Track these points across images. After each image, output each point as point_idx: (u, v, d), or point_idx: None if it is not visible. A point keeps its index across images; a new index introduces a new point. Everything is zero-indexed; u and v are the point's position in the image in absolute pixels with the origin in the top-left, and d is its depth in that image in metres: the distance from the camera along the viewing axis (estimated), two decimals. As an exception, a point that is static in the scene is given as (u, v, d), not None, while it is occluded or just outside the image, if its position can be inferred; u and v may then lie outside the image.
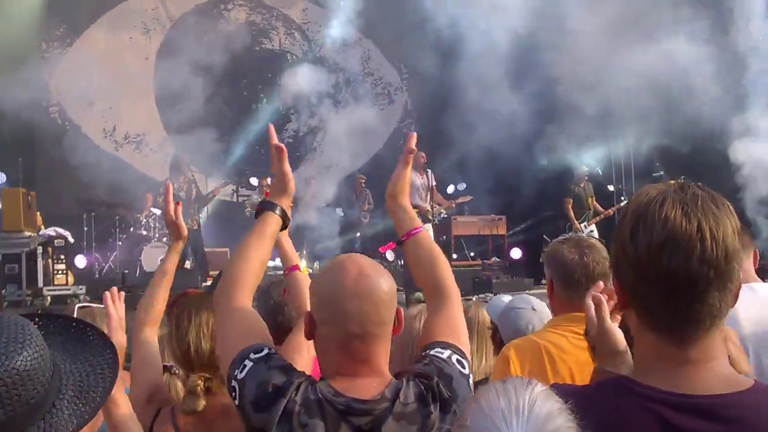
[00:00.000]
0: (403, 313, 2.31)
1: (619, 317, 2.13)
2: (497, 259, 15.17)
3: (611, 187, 16.14)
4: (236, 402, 2.19)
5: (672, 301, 1.71)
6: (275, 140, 2.60)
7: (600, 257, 3.30)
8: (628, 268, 1.77)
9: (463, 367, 2.31)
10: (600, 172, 15.81)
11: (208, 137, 15.77)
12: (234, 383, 2.19)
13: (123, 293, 2.81)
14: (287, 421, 2.09)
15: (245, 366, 2.19)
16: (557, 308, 3.47)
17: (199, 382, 2.82)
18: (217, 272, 11.69)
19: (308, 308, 2.32)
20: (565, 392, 1.60)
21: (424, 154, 14.60)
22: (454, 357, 2.31)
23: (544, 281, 12.55)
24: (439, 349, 2.32)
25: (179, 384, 2.81)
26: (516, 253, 15.79)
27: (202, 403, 2.80)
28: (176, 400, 2.95)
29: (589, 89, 12.92)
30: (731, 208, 1.74)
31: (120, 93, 17.08)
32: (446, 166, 15.36)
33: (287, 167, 2.57)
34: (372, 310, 2.18)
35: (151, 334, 3.03)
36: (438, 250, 2.64)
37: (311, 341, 2.33)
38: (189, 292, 3.20)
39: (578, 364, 3.09)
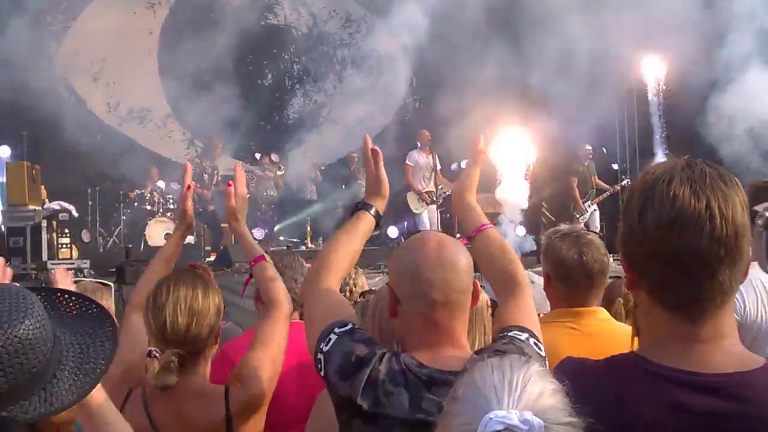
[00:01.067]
0: (479, 285, 2.37)
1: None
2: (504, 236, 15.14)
3: (615, 166, 16.11)
4: (322, 373, 2.28)
5: (683, 279, 1.70)
6: (370, 145, 2.73)
7: (598, 255, 3.31)
8: (638, 247, 1.76)
9: (540, 350, 2.36)
10: (605, 150, 15.76)
11: (212, 112, 15.75)
12: (320, 356, 2.28)
13: (71, 272, 2.78)
14: (372, 389, 2.16)
15: (330, 339, 2.28)
16: (554, 301, 3.49)
17: (173, 357, 2.79)
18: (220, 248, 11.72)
19: (296, 294, 2.36)
20: (573, 368, 1.60)
21: (428, 133, 14.57)
22: (532, 340, 2.37)
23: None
24: (517, 332, 2.37)
25: (157, 366, 2.79)
26: (520, 231, 15.76)
27: (174, 379, 2.78)
28: (150, 381, 2.95)
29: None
30: (739, 184, 1.73)
31: (124, 68, 17.04)
32: (450, 144, 15.29)
33: (382, 171, 2.73)
34: (455, 277, 2.24)
35: (138, 316, 3.01)
36: (508, 244, 2.74)
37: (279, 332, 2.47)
38: (197, 265, 3.21)
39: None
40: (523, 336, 2.35)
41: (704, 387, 1.66)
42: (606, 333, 3.23)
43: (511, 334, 2.36)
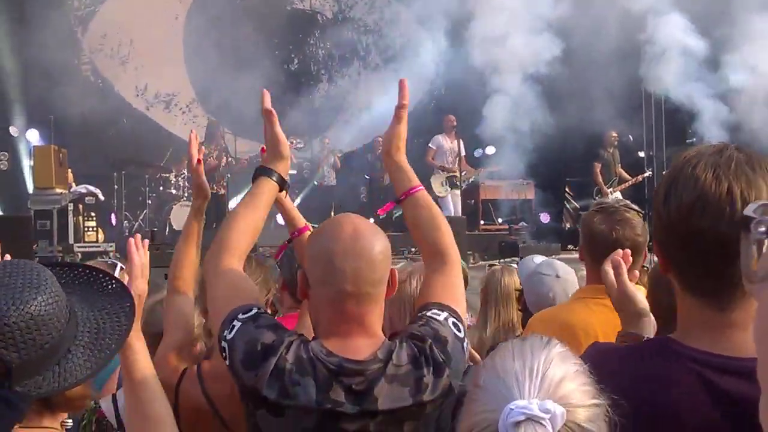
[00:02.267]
0: (397, 274, 2.28)
1: (636, 276, 2.12)
2: (525, 224, 15.10)
3: (641, 154, 16.00)
4: (227, 362, 2.18)
5: (705, 265, 1.69)
6: (267, 105, 2.55)
7: (632, 233, 3.19)
8: (663, 231, 1.76)
9: (459, 330, 2.28)
10: (631, 138, 15.66)
11: (237, 98, 15.80)
12: (224, 344, 2.18)
13: (147, 241, 2.77)
14: (278, 379, 2.08)
15: (234, 326, 2.18)
16: (588, 275, 3.42)
17: None
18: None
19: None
20: (606, 352, 1.60)
21: (453, 118, 14.53)
22: (450, 320, 2.28)
23: (570, 246, 12.64)
24: (435, 311, 2.29)
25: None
26: (544, 218, 15.72)
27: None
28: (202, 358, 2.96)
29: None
30: None
31: (151, 52, 17.12)
32: (475, 130, 15.24)
33: (278, 130, 2.54)
34: (367, 269, 2.15)
35: (179, 296, 2.99)
36: (437, 210, 2.57)
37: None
38: None
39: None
40: (441, 316, 2.27)
41: (735, 371, 1.65)
42: None
43: (429, 314, 2.28)
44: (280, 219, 13.91)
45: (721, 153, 1.72)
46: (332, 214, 15.28)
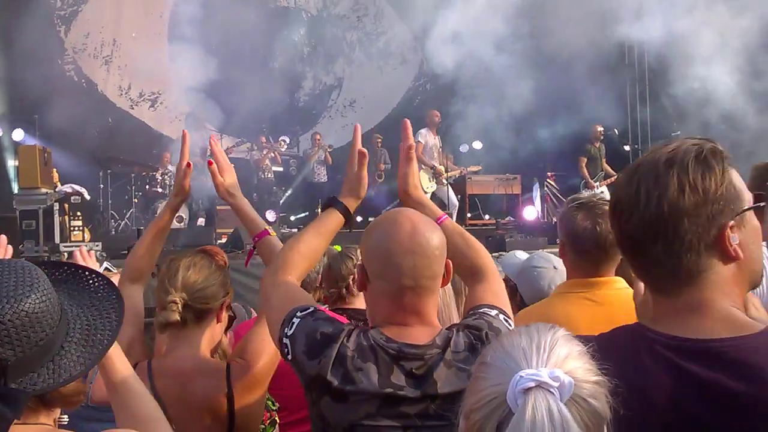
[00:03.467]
0: (451, 265, 2.35)
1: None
2: (511, 219, 15.16)
3: (627, 147, 16.07)
4: (288, 357, 2.27)
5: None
6: (359, 145, 2.71)
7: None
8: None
9: (510, 325, 2.38)
10: (617, 132, 15.72)
11: (222, 95, 15.77)
12: (285, 341, 2.27)
13: (93, 252, 2.78)
14: (341, 365, 2.16)
15: (293, 323, 2.28)
16: (569, 272, 3.43)
17: (177, 298, 2.85)
18: (231, 230, 11.75)
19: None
20: (586, 339, 1.62)
21: (438, 113, 14.57)
22: (502, 316, 2.38)
23: (558, 240, 12.65)
24: (486, 308, 2.39)
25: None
26: (530, 213, 15.76)
27: (176, 317, 2.83)
28: (153, 354, 2.95)
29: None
30: (718, 165, 1.74)
31: (135, 51, 17.06)
32: (461, 126, 15.28)
33: (364, 173, 2.71)
34: (425, 264, 2.24)
35: (132, 288, 3.02)
36: (466, 232, 2.71)
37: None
38: (209, 249, 3.18)
39: (589, 331, 3.06)
40: (493, 312, 2.38)
41: (693, 351, 1.71)
42: (622, 302, 3.13)
43: (481, 310, 2.38)
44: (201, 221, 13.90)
45: (672, 149, 1.79)
46: (318, 211, 15.29)
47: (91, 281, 2.20)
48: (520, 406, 1.37)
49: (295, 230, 13.58)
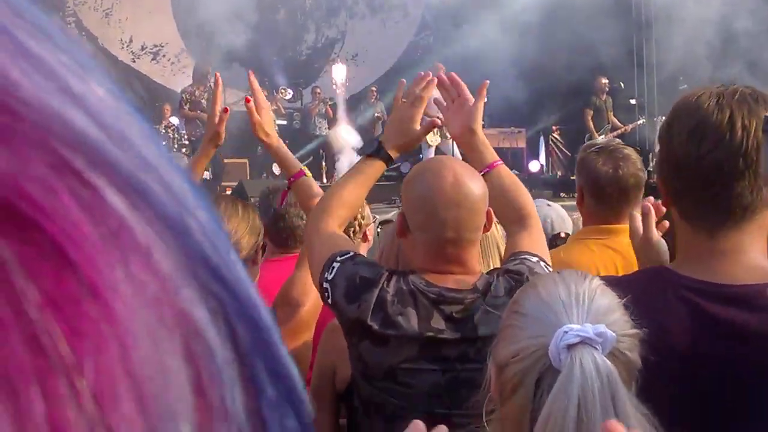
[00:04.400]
0: (492, 213, 2.34)
1: (663, 228, 2.14)
2: (516, 172, 15.13)
3: (633, 101, 15.99)
4: (329, 302, 2.27)
5: (701, 190, 1.74)
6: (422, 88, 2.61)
7: (634, 169, 3.20)
8: (665, 161, 1.81)
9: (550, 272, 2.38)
10: (622, 85, 15.63)
11: (225, 46, 15.66)
12: (326, 285, 2.26)
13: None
14: (381, 309, 2.16)
15: (333, 267, 2.26)
16: (586, 218, 3.41)
17: None
18: (235, 183, 11.74)
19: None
20: (609, 282, 1.62)
21: (442, 66, 14.46)
22: (542, 263, 2.35)
23: (562, 194, 12.67)
24: (527, 255, 2.35)
25: None
26: (534, 166, 15.75)
27: None
28: None
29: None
30: None
31: (136, 3, 16.91)
32: (466, 80, 15.20)
33: (425, 132, 2.66)
34: (468, 217, 2.21)
35: None
36: (517, 179, 2.65)
37: None
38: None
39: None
40: (534, 259, 2.35)
41: (723, 297, 1.70)
42: None
43: (522, 256, 2.35)
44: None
45: (727, 87, 1.75)
46: (323, 164, 15.26)
47: None
48: (565, 362, 1.36)
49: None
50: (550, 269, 2.37)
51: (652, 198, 2.24)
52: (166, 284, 0.25)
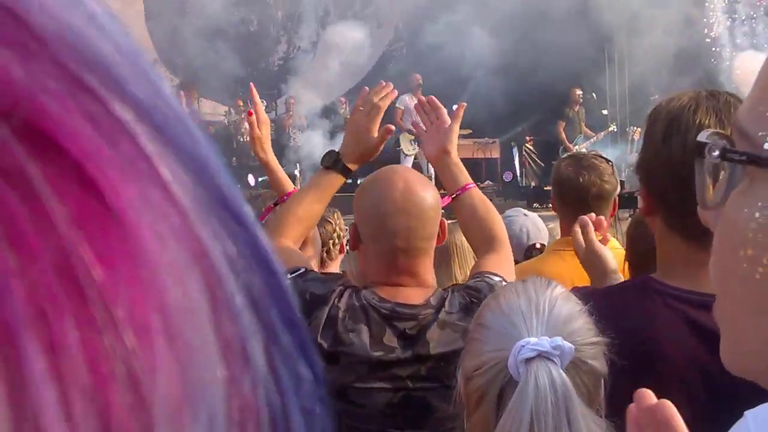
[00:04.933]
0: (446, 224, 2.29)
1: (605, 228, 2.15)
2: (490, 182, 15.19)
3: (605, 111, 16.13)
4: None
5: (674, 192, 1.72)
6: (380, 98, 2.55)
7: (597, 179, 3.16)
8: (660, 171, 1.77)
9: None
10: (594, 96, 15.76)
11: (199, 57, 15.59)
12: None
13: None
14: (331, 326, 2.10)
15: None
16: (561, 227, 3.42)
17: None
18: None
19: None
20: (586, 294, 1.62)
21: (419, 76, 14.49)
22: (503, 284, 2.27)
23: (536, 204, 12.74)
24: (489, 275, 2.30)
25: None
26: (508, 176, 15.83)
27: None
28: None
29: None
30: None
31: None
32: (441, 89, 15.24)
33: (374, 130, 2.55)
34: (419, 225, 2.16)
35: None
36: (488, 200, 2.61)
37: None
38: None
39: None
40: (496, 278, 2.28)
41: (707, 306, 1.68)
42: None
43: (485, 275, 2.30)
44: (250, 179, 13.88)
45: (716, 98, 1.74)
46: (297, 176, 15.23)
47: None
48: (522, 376, 1.38)
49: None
50: None
51: (593, 214, 2.26)
52: (185, 218, 0.24)
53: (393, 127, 2.62)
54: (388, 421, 2.11)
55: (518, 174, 16.17)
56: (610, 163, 3.31)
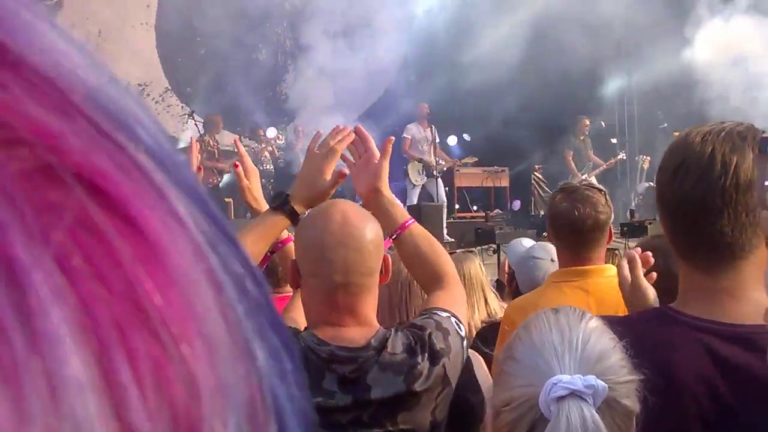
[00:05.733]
0: (390, 260, 2.22)
1: (651, 280, 2.14)
2: (499, 211, 15.22)
3: (614, 140, 16.18)
4: None
5: (688, 227, 1.75)
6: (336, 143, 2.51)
7: (592, 210, 3.15)
8: (658, 199, 1.83)
9: (460, 330, 2.25)
10: (603, 124, 15.82)
11: (209, 87, 15.66)
12: None
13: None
14: None
15: None
16: (558, 259, 3.41)
17: None
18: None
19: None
20: (611, 321, 1.60)
21: (426, 105, 14.53)
22: (453, 319, 2.25)
23: (545, 233, 12.69)
24: (437, 311, 2.25)
25: None
26: (515, 205, 15.86)
27: None
28: None
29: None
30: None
31: (121, 42, 16.91)
32: (449, 119, 15.28)
33: (327, 173, 2.51)
34: (358, 259, 2.08)
35: None
36: (431, 236, 2.53)
37: None
38: None
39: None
40: (444, 314, 2.23)
41: (726, 335, 1.70)
42: (611, 290, 2.91)
43: (432, 311, 2.25)
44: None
45: (720, 125, 1.77)
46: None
47: None
48: (553, 414, 1.35)
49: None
50: (462, 327, 2.27)
51: (639, 249, 2.24)
52: (197, 245, 0.29)
53: (347, 171, 2.55)
54: None
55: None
56: (603, 192, 3.30)
